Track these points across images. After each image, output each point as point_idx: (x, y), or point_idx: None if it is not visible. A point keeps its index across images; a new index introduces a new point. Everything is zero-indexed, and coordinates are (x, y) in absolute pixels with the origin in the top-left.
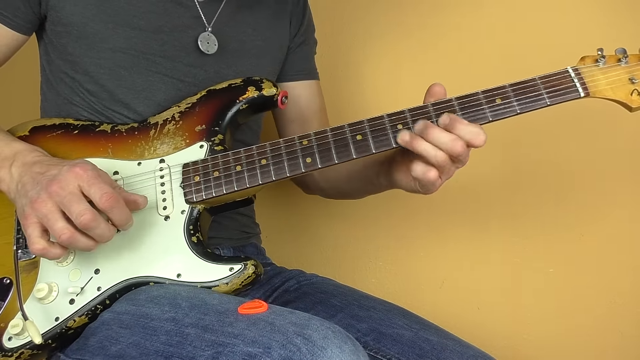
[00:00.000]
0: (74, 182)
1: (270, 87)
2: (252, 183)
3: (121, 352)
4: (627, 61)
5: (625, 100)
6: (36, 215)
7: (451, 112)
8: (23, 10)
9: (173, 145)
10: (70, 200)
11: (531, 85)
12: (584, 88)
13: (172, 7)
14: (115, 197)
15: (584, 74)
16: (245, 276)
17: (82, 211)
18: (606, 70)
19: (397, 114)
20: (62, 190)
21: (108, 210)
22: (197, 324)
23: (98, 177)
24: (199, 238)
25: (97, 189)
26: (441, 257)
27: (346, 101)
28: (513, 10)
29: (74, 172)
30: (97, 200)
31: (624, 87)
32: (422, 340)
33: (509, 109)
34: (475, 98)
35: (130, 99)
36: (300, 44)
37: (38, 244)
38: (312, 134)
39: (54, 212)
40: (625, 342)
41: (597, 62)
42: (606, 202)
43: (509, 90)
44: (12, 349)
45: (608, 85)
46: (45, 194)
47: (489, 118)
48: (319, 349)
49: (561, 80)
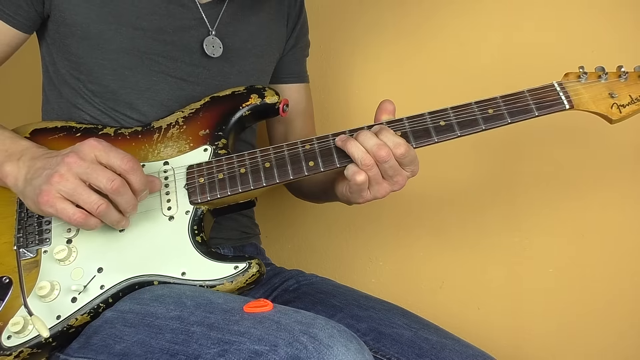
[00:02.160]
0: (90, 152)
1: (273, 95)
2: (257, 185)
3: (126, 351)
4: (607, 78)
5: (606, 113)
6: (57, 190)
7: (446, 120)
8: (25, 9)
9: (177, 149)
10: (94, 169)
11: (520, 98)
12: (568, 101)
13: (175, 9)
14: (134, 159)
15: (568, 88)
16: (250, 275)
17: (110, 177)
18: (588, 86)
19: (396, 121)
20: (81, 161)
21: (130, 172)
22: (203, 322)
23: (113, 147)
24: (203, 238)
25: (116, 154)
26: (441, 257)
27: (342, 103)
28: (503, 22)
29: (88, 144)
30: (119, 163)
31: (604, 101)
32: (422, 339)
33: (501, 119)
34: (469, 108)
35: (134, 99)
36: (294, 46)
37: (79, 213)
38: (315, 139)
39: (80, 185)
40: (625, 342)
41: (580, 78)
42: (607, 202)
43: (500, 101)
44: (11, 348)
45: (590, 99)
46: (64, 167)
47: (482, 127)
48: (325, 347)
49: (548, 93)
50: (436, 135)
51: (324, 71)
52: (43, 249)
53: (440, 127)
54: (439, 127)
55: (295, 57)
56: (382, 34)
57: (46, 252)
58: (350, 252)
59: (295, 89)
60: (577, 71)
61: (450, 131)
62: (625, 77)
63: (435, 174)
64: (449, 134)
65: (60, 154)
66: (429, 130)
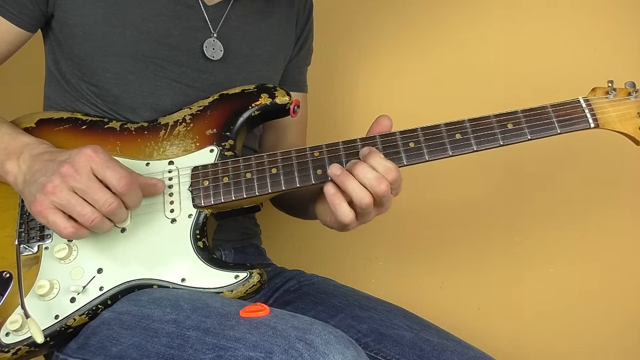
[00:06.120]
0: (85, 164)
1: (284, 95)
2: (262, 192)
3: (122, 353)
4: (637, 95)
5: (633, 134)
6: (51, 201)
7: (464, 133)
8: (30, 8)
9: (183, 148)
10: (90, 188)
11: (543, 113)
12: (594, 119)
13: (182, 10)
14: (132, 181)
15: (594, 105)
16: (250, 285)
17: (108, 200)
18: (616, 103)
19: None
20: (76, 174)
21: (125, 194)
22: (199, 326)
23: (111, 160)
24: (204, 243)
25: (113, 172)
26: (441, 257)
27: (348, 107)
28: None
29: (84, 154)
30: (115, 184)
31: (632, 120)
32: (423, 341)
33: (520, 134)
34: (488, 122)
35: (137, 104)
36: (298, 54)
37: (70, 228)
38: (324, 146)
39: (74, 197)
40: (625, 343)
41: (608, 95)
42: (607, 202)
43: (521, 116)
44: (9, 345)
45: (617, 118)
46: (58, 178)
47: (499, 142)
48: (321, 355)
49: (572, 109)
50: (451, 150)
51: (331, 75)
52: (44, 245)
53: (456, 140)
54: (454, 141)
55: (298, 65)
56: (389, 39)
57: (47, 249)
58: (350, 252)
59: (293, 97)
60: (605, 86)
61: (466, 146)
62: None
63: (436, 175)
64: (465, 148)
65: (57, 160)
66: (444, 145)
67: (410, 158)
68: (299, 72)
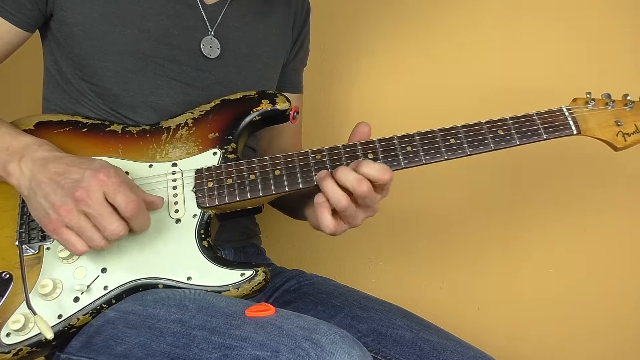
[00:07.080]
0: (98, 190)
1: (284, 101)
2: (266, 192)
3: (127, 352)
4: (613, 105)
5: (611, 141)
6: (64, 222)
7: (458, 138)
8: (28, 8)
9: (185, 150)
10: (102, 215)
11: (530, 120)
12: (576, 126)
13: (182, 9)
14: (139, 205)
15: (576, 114)
16: (256, 282)
17: (116, 229)
18: (595, 112)
19: (407, 136)
20: (88, 199)
21: (132, 218)
22: (204, 326)
23: (122, 184)
24: (209, 242)
25: (123, 197)
26: (441, 257)
27: (345, 108)
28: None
29: (97, 179)
30: (123, 209)
31: (610, 128)
32: (423, 341)
33: (510, 140)
34: (479, 128)
35: (137, 103)
36: (295, 56)
37: (83, 247)
38: (326, 150)
39: (85, 221)
40: (626, 343)
41: (587, 104)
42: (607, 202)
43: (510, 122)
44: (10, 346)
45: (597, 126)
46: (72, 202)
47: (491, 147)
48: (328, 354)
49: (557, 117)
50: (446, 154)
51: (329, 76)
52: (46, 245)
53: (451, 144)
54: (449, 145)
55: (295, 67)
56: (388, 40)
57: (49, 249)
58: (350, 252)
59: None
60: (584, 97)
61: (460, 150)
62: (631, 106)
63: (436, 175)
64: (459, 152)
65: (69, 178)
66: (440, 149)
67: (408, 161)
68: (296, 74)
